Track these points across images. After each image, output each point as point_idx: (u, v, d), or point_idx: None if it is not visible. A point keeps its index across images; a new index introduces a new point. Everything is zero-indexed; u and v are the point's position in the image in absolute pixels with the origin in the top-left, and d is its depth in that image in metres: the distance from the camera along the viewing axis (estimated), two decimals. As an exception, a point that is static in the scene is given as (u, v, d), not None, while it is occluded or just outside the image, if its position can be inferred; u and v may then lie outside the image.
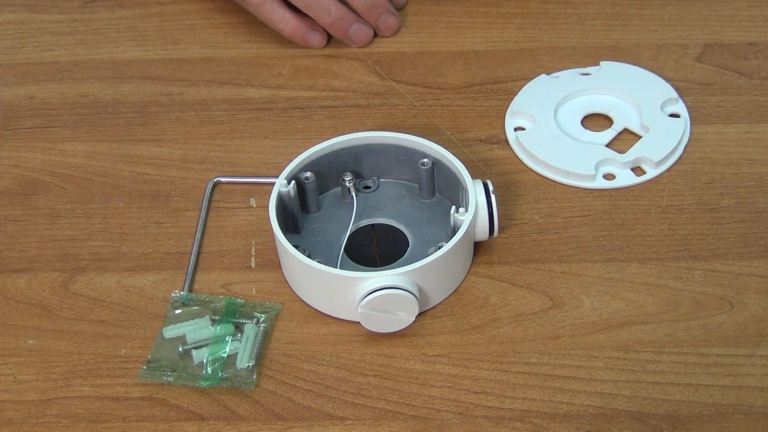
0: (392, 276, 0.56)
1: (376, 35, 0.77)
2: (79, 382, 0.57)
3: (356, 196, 0.63)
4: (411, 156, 0.63)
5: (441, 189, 0.64)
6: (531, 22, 0.78)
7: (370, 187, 0.65)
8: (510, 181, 0.67)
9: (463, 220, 0.59)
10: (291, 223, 0.62)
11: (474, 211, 0.59)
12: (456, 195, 0.62)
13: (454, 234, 0.58)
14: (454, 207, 0.60)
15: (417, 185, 0.64)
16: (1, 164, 0.70)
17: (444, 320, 0.59)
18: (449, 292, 0.60)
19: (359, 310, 0.56)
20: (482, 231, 0.60)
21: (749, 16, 0.77)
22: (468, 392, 0.56)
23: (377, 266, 0.60)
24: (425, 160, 0.63)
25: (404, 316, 0.57)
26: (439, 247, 0.58)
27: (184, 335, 0.58)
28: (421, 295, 0.57)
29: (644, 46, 0.75)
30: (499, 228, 0.60)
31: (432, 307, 0.60)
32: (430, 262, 0.57)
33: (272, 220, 0.59)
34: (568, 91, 0.71)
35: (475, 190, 0.60)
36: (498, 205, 0.60)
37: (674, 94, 0.70)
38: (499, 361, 0.57)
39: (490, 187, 0.60)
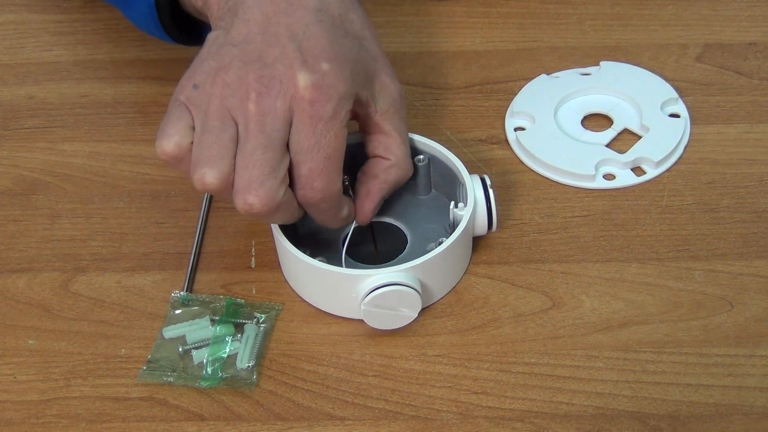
0: (395, 272, 0.56)
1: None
2: (79, 382, 0.57)
3: (354, 194, 0.63)
4: None
5: (437, 185, 0.64)
6: (531, 22, 0.78)
7: None
8: (510, 181, 0.67)
9: (462, 215, 0.59)
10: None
11: (473, 205, 0.59)
12: (453, 190, 0.62)
13: (453, 229, 0.58)
14: (453, 202, 0.60)
15: (413, 182, 0.64)
16: (1, 164, 0.70)
17: (444, 320, 0.59)
18: (450, 287, 0.60)
19: (363, 307, 0.56)
20: (481, 225, 0.60)
21: (749, 16, 0.77)
22: (468, 392, 0.56)
23: (377, 264, 0.60)
24: (421, 156, 0.63)
25: (407, 312, 0.57)
26: (439, 243, 0.58)
27: (184, 335, 0.58)
28: (423, 291, 0.57)
29: (644, 46, 0.75)
30: (498, 222, 0.60)
31: (432, 307, 0.60)
32: (432, 257, 0.57)
33: (272, 220, 0.59)
34: (568, 91, 0.71)
35: (473, 185, 0.60)
36: (496, 199, 0.60)
37: (674, 94, 0.70)
38: (499, 361, 0.57)
39: (488, 182, 0.60)
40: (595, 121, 0.70)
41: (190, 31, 0.66)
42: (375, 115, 0.57)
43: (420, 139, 0.63)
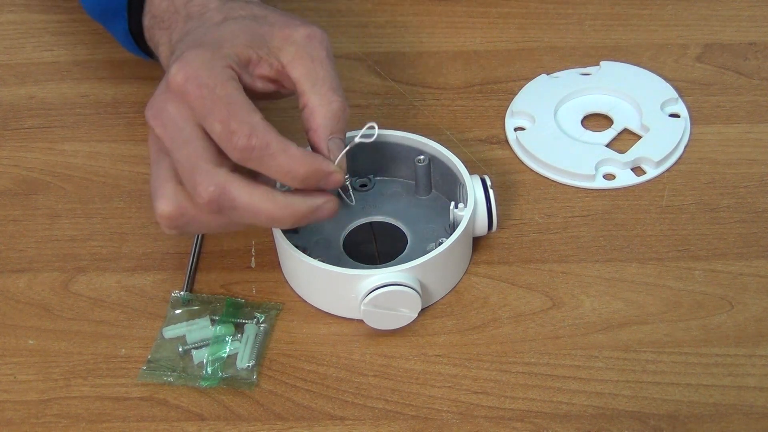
0: (395, 273, 0.56)
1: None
2: (79, 382, 0.57)
3: (353, 194, 0.63)
4: (407, 153, 0.63)
5: (438, 185, 0.64)
6: (531, 22, 0.78)
7: (366, 185, 0.65)
8: (510, 181, 0.67)
9: (462, 216, 0.59)
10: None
11: (473, 206, 0.59)
12: (453, 191, 0.62)
13: (454, 230, 0.58)
14: (453, 203, 0.60)
15: (413, 182, 0.64)
16: (1, 164, 0.70)
17: (444, 320, 0.59)
18: (450, 287, 0.60)
19: (362, 307, 0.56)
20: (481, 226, 0.60)
21: (749, 16, 0.77)
22: (468, 392, 0.56)
23: (377, 264, 0.60)
24: (421, 156, 0.63)
25: (407, 312, 0.57)
26: (439, 244, 0.58)
27: (184, 335, 0.58)
28: (423, 292, 0.57)
29: (644, 46, 0.75)
30: (498, 223, 0.60)
31: (432, 307, 0.60)
32: (432, 258, 0.57)
33: (272, 220, 0.59)
34: (568, 91, 0.71)
35: (473, 186, 0.60)
36: (496, 199, 0.60)
37: (674, 94, 0.70)
38: (499, 361, 0.57)
39: (488, 182, 0.60)
40: (595, 121, 0.70)
41: None
42: (283, 69, 0.56)
43: (420, 139, 0.63)
